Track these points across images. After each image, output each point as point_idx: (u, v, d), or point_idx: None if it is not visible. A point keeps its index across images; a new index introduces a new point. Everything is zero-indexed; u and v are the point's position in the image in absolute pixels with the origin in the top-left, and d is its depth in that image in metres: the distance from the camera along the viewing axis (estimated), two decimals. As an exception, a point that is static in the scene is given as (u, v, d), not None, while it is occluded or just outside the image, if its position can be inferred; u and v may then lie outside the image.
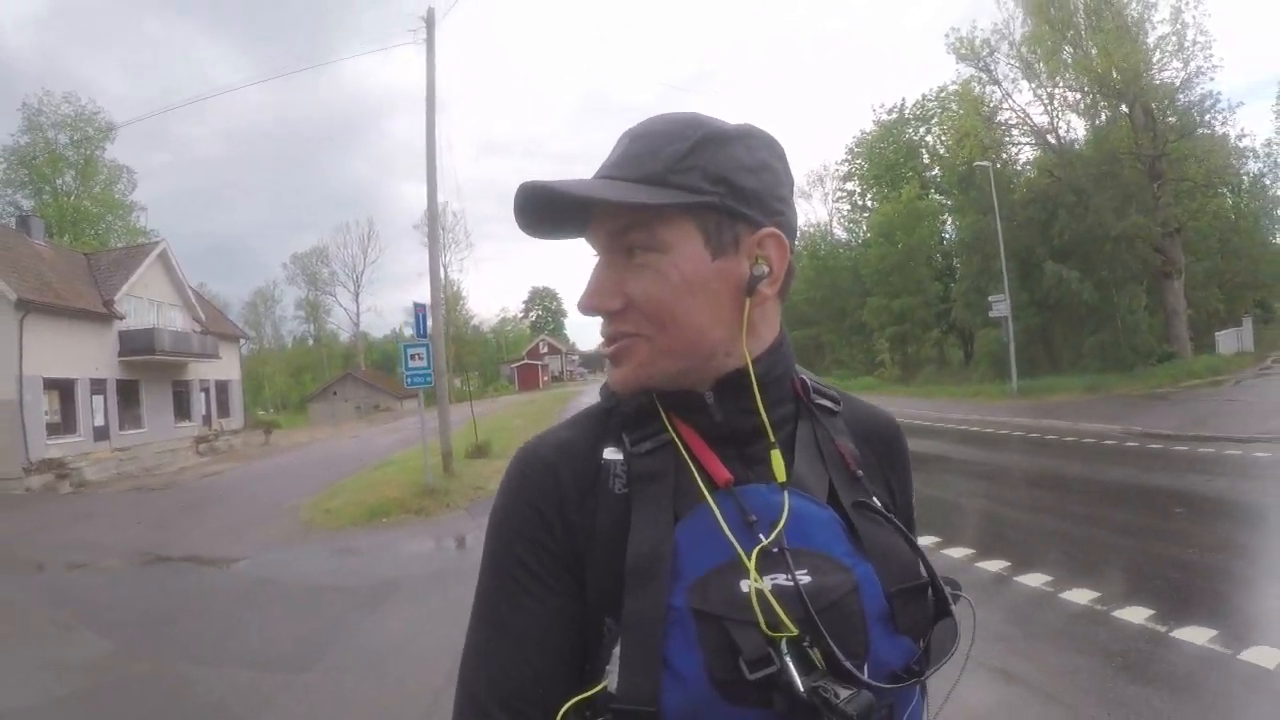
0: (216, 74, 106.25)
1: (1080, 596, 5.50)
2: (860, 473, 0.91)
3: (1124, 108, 26.87)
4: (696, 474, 0.83)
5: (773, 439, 0.87)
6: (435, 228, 14.87)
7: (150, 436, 28.54)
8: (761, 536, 0.79)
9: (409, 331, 76.49)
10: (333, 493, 13.89)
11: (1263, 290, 35.30)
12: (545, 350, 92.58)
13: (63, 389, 24.82)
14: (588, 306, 0.86)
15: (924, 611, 0.84)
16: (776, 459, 0.86)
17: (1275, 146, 42.08)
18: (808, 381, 0.96)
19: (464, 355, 48.03)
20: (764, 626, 0.74)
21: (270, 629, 6.71)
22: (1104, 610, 5.23)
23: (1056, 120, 29.18)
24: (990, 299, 24.72)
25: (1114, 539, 7.37)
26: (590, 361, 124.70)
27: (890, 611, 0.80)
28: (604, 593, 0.81)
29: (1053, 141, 29.25)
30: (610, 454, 0.87)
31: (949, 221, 38.80)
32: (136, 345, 27.94)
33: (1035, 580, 5.98)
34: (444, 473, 13.74)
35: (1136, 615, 5.04)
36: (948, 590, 0.85)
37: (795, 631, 0.74)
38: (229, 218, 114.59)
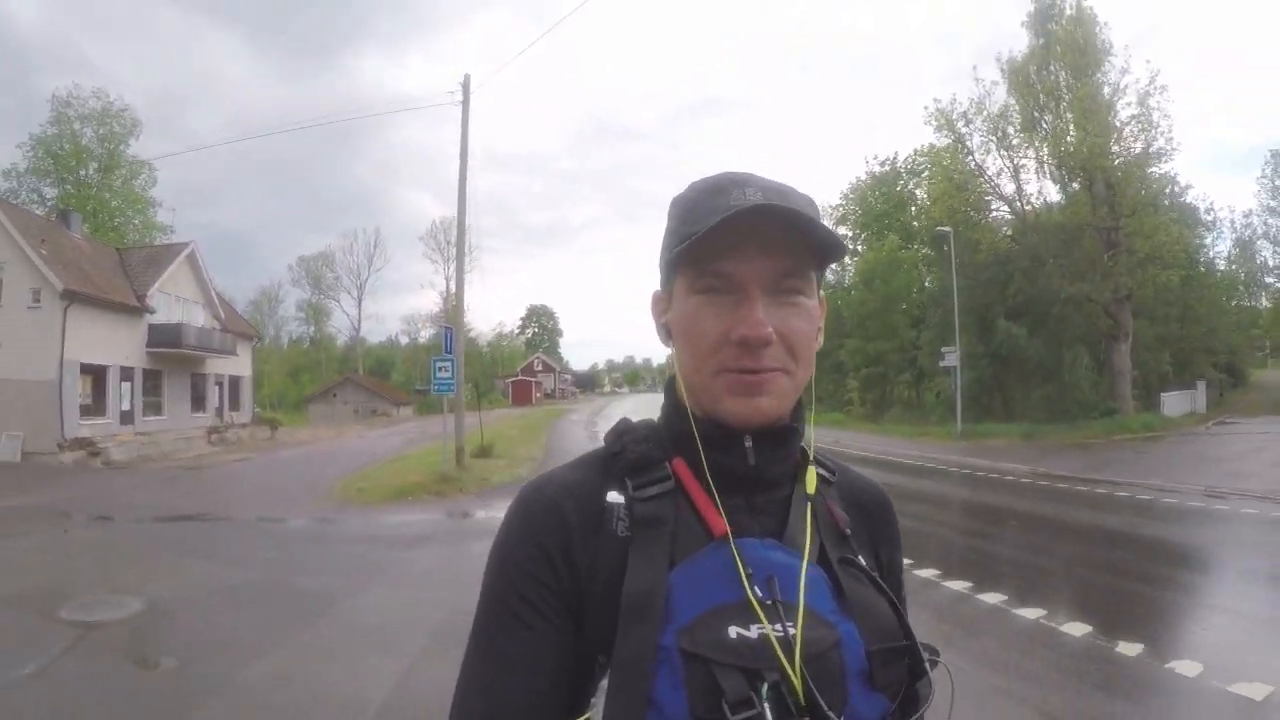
0: (225, 66, 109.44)
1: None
2: (848, 532, 0.96)
3: (1088, 181, 29.17)
4: (696, 523, 0.88)
5: (809, 489, 0.96)
6: (461, 270, 17.51)
7: (169, 424, 30.52)
8: (757, 589, 0.82)
9: (404, 340, 78.42)
10: (359, 478, 16.37)
11: (1223, 355, 37.78)
12: (540, 368, 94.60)
13: (95, 374, 26.89)
14: (764, 335, 0.85)
15: (901, 672, 0.87)
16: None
17: (1255, 218, 45.44)
18: (807, 449, 1.00)
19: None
20: (782, 661, 0.78)
21: (340, 558, 9.22)
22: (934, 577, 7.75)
23: (1023, 189, 31.72)
24: (943, 349, 27.20)
25: (953, 536, 10.38)
26: (583, 382, 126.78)
27: (869, 669, 0.83)
28: (598, 630, 0.83)
29: (1017, 208, 31.77)
30: (613, 497, 0.90)
31: (927, 273, 41.26)
32: (164, 338, 30.09)
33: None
34: (457, 465, 16.29)
35: (959, 586, 7.57)
36: (925, 655, 0.88)
37: (794, 678, 0.78)
38: (229, 211, 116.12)
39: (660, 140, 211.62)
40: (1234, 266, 48.75)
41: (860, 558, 0.95)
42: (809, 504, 0.95)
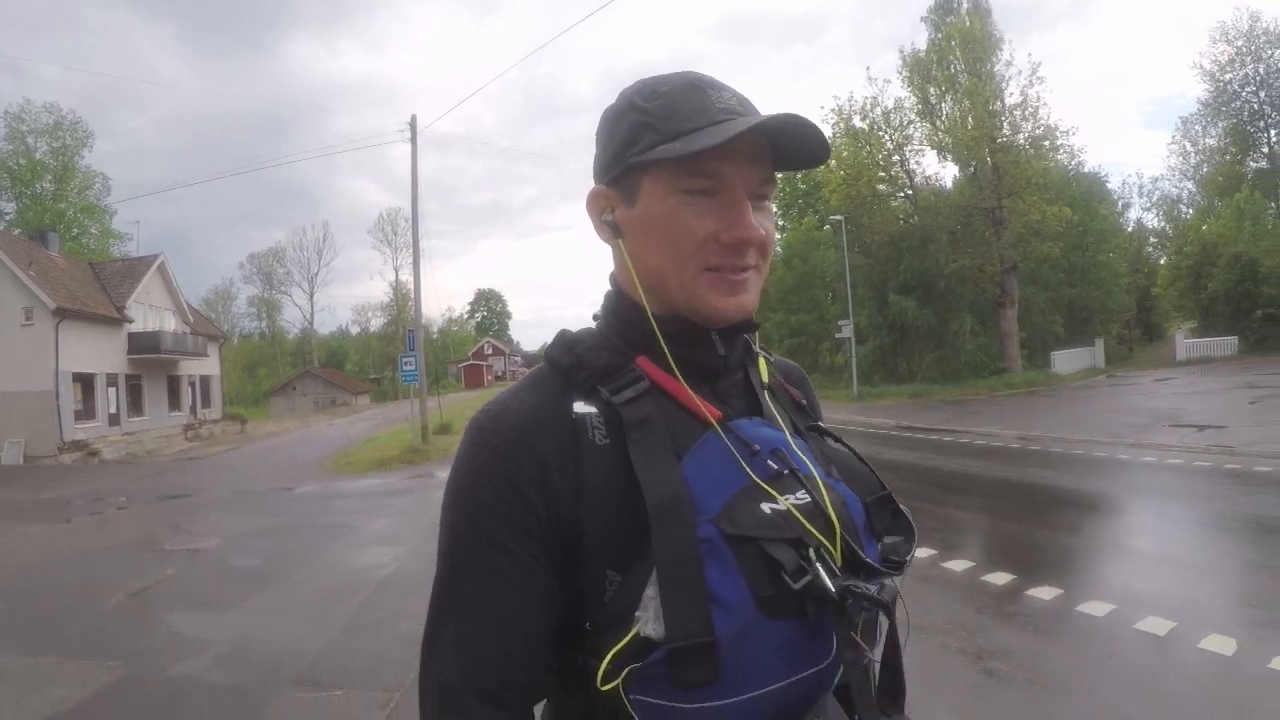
0: (156, 62, 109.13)
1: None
2: (804, 403, 1.06)
3: (975, 164, 32.94)
4: (683, 415, 0.89)
5: (764, 379, 1.03)
6: (419, 295, 20.87)
7: (150, 424, 33.52)
8: (771, 463, 0.86)
9: (355, 330, 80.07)
10: (343, 455, 19.88)
11: (1121, 314, 41.72)
12: (490, 351, 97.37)
13: (85, 382, 29.82)
14: (756, 236, 0.88)
15: (886, 518, 0.95)
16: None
17: (1164, 182, 49.35)
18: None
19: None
20: (815, 535, 0.82)
21: (346, 506, 12.70)
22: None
23: (913, 175, 35.42)
24: (840, 322, 30.85)
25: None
26: (532, 361, 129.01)
27: (868, 520, 0.92)
28: (603, 548, 0.83)
29: (910, 193, 35.51)
30: (581, 408, 0.88)
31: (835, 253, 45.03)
32: (143, 345, 33.03)
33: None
34: (423, 441, 19.78)
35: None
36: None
37: (835, 539, 0.83)
38: (171, 209, 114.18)
39: (596, 116, 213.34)
40: (1162, 225, 53.64)
41: (821, 423, 1.04)
42: (767, 388, 1.02)
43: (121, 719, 4.83)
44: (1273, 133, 45.87)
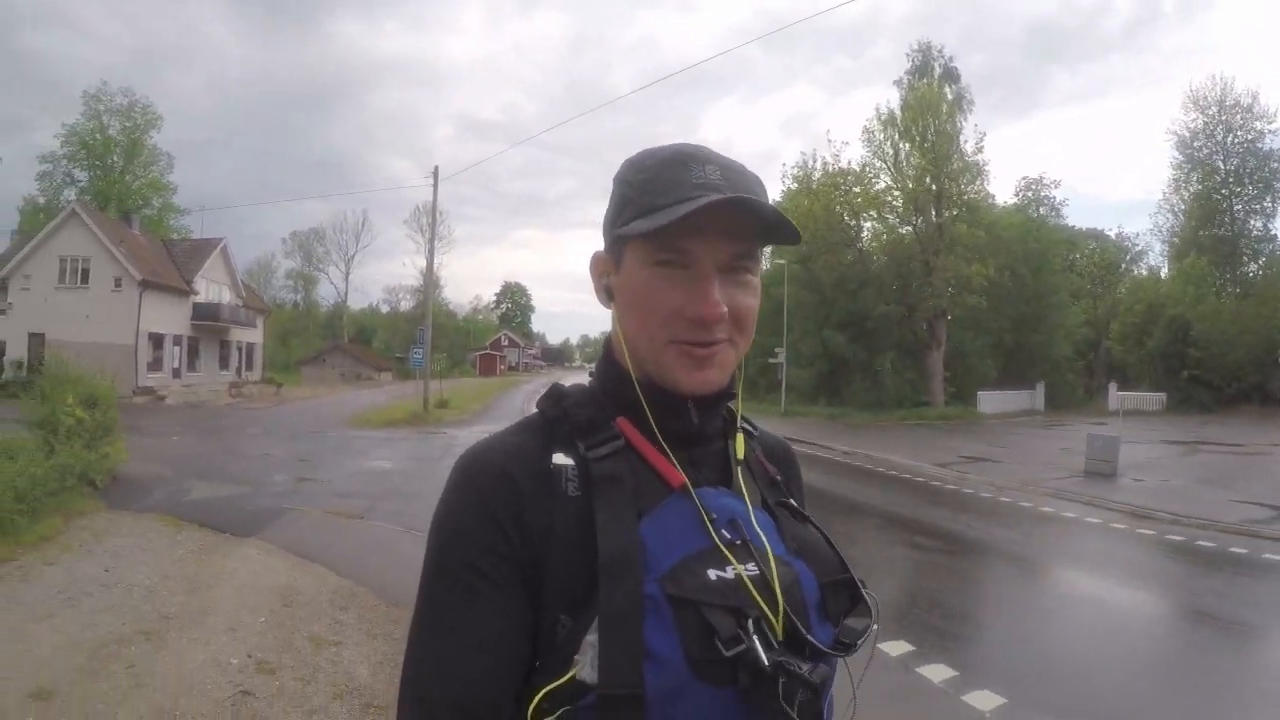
0: (207, 26, 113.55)
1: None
2: (779, 479, 1.06)
3: (918, 219, 37.59)
4: (652, 477, 0.91)
5: (739, 454, 1.02)
6: (429, 316, 27.04)
7: (203, 379, 39.85)
8: (725, 533, 0.87)
9: (385, 309, 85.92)
10: (362, 415, 26.51)
11: (1062, 363, 44.07)
12: (506, 343, 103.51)
13: (156, 340, 36.32)
14: (720, 315, 0.89)
15: (845, 601, 0.94)
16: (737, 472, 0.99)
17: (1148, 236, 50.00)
18: (732, 408, 1.06)
19: (436, 340, 58.17)
20: (760, 605, 0.83)
21: (364, 444, 19.18)
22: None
23: (860, 230, 40.57)
24: (776, 350, 36.15)
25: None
26: (551, 356, 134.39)
27: (822, 600, 0.91)
28: (561, 592, 0.85)
29: (857, 245, 40.53)
30: (560, 459, 0.91)
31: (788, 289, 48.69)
32: (204, 314, 39.65)
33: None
34: (425, 410, 26.24)
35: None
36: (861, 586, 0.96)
37: (778, 612, 0.84)
38: (208, 172, 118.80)
39: (638, 114, 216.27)
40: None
41: (792, 500, 1.04)
42: (744, 459, 1.02)
43: (252, 502, 11.08)
44: (1235, 202, 47.00)
